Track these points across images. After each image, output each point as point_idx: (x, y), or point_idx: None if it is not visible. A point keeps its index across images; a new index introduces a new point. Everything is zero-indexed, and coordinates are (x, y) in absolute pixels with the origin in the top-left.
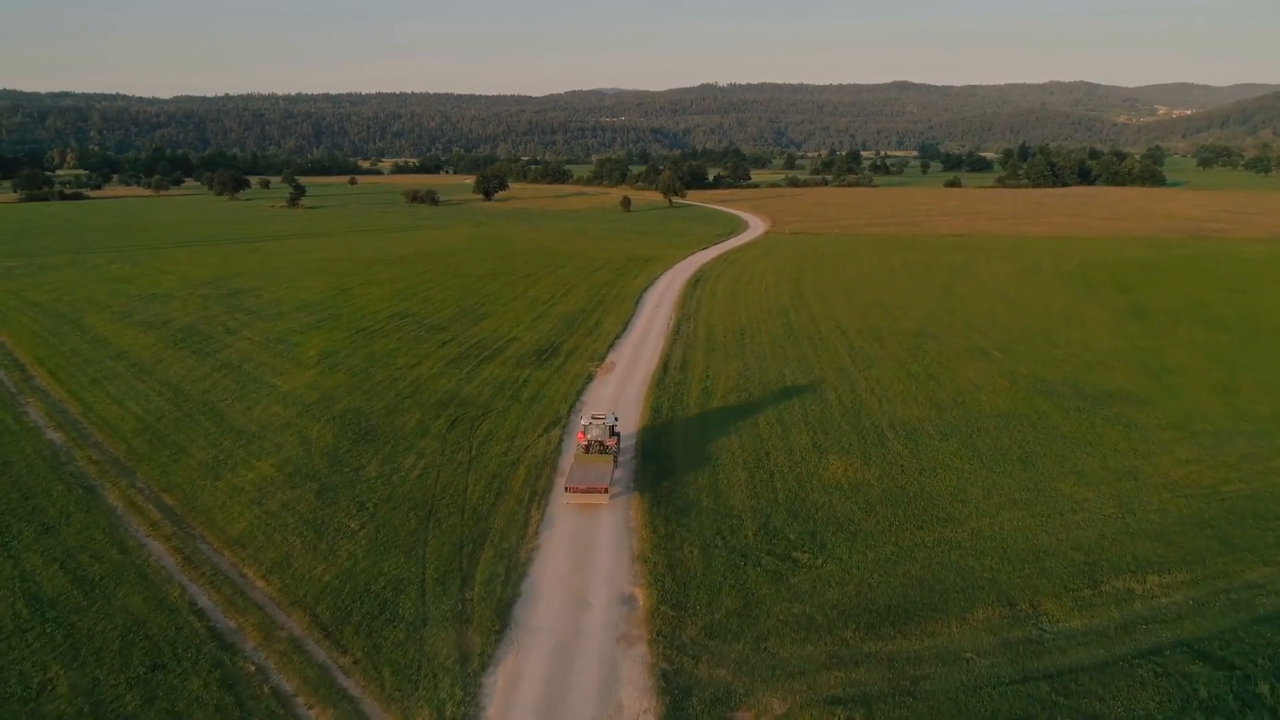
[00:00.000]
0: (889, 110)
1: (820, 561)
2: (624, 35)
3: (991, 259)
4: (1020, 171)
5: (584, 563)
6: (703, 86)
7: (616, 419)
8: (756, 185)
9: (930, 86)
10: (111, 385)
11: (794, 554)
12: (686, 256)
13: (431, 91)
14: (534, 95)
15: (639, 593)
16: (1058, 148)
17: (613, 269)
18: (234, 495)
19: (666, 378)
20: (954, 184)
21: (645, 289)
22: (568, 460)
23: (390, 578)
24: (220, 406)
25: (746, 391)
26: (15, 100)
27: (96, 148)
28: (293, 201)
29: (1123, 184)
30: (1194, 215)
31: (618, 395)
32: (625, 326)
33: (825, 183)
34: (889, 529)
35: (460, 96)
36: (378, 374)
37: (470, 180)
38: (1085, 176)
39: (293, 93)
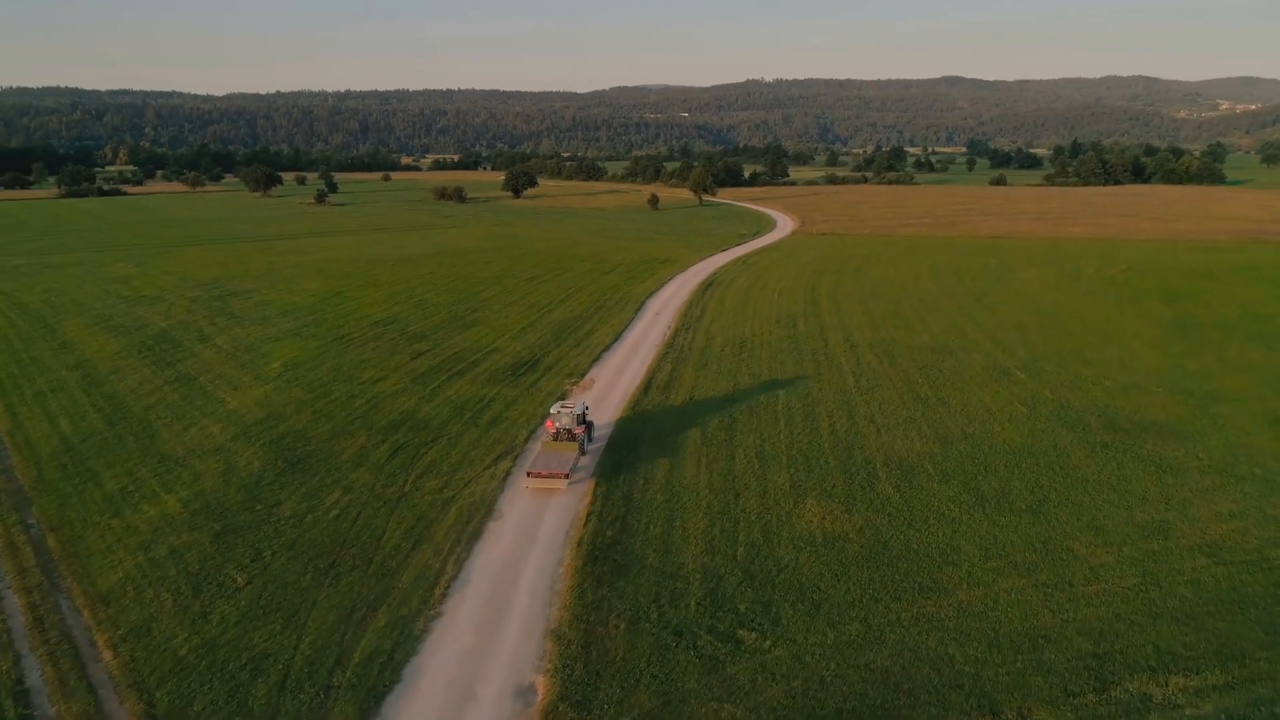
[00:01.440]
0: (938, 106)
1: (769, 644)
2: (670, 32)
3: (1028, 264)
4: (1070, 169)
5: (489, 636)
6: (748, 82)
7: (586, 408)
8: (794, 183)
9: (981, 81)
10: (54, 399)
11: (739, 632)
12: (705, 259)
13: (477, 88)
14: (579, 91)
15: (540, 682)
16: (1112, 144)
17: (623, 272)
18: (124, 537)
19: (646, 399)
20: (999, 182)
21: (651, 294)
22: (507, 498)
23: (256, 653)
24: (156, 426)
25: (731, 417)
26: (76, 98)
27: (148, 144)
28: (320, 199)
29: (1179, 182)
30: (1255, 216)
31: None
32: (618, 337)
33: (865, 180)
34: (860, 599)
35: (505, 93)
36: (336, 390)
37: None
38: (1139, 174)
39: (342, 90)
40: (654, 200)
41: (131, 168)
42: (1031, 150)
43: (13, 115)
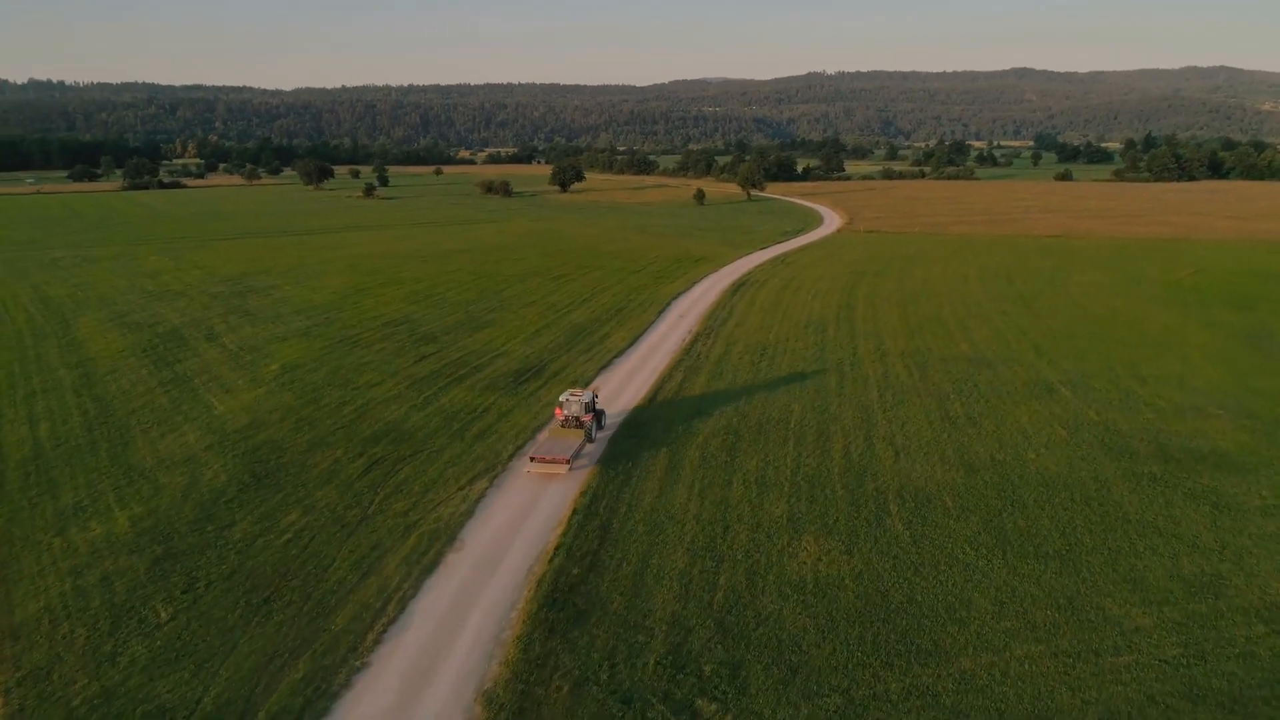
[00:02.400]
0: (1006, 98)
1: (729, 719)
2: (731, 25)
3: (1087, 266)
4: (1141, 164)
5: (414, 696)
6: (809, 75)
7: (595, 396)
8: (848, 177)
9: (1052, 73)
10: (43, 400)
11: (698, 701)
12: (743, 257)
13: (537, 82)
14: (638, 85)
15: None
16: (1188, 138)
17: (654, 270)
18: (59, 560)
19: (648, 412)
20: (1064, 177)
21: (679, 294)
22: (474, 525)
23: (154, 707)
24: (134, 432)
25: (736, 435)
26: (151, 93)
27: (215, 138)
28: (368, 192)
29: (1260, 179)
30: None
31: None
32: (634, 341)
33: (922, 175)
34: (845, 664)
35: (564, 87)
36: (328, 395)
37: None
38: (1217, 170)
39: (405, 84)
40: (700, 195)
41: (197, 161)
42: (1102, 144)
43: (92, 110)
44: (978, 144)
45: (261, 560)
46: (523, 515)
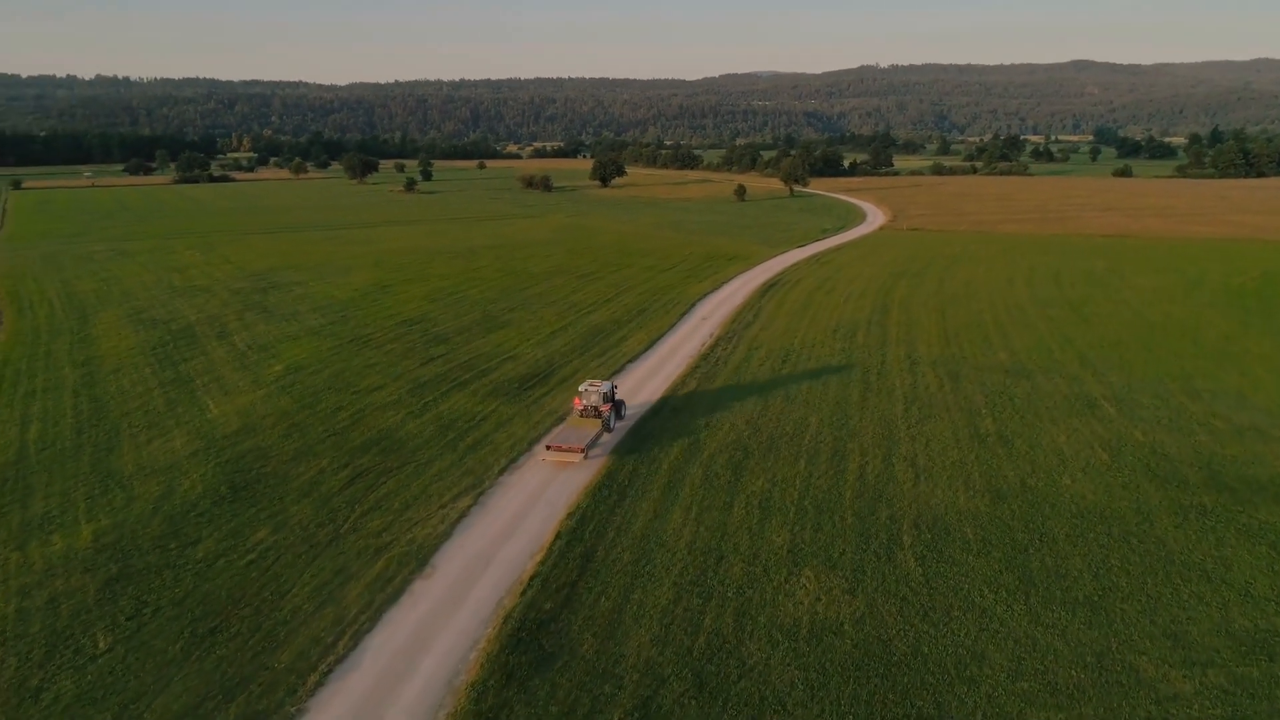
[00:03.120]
0: (1065, 91)
1: None
2: (784, 19)
3: (1142, 268)
4: (1206, 159)
5: None
6: (861, 68)
7: (614, 386)
8: (897, 173)
9: (1114, 65)
10: (41, 400)
11: None
12: (777, 255)
13: (587, 76)
14: (688, 79)
15: None
16: (1258, 132)
17: (684, 269)
18: (12, 577)
19: (653, 423)
20: (1123, 173)
21: (706, 295)
22: (450, 548)
23: None
24: (122, 436)
25: (744, 450)
26: (211, 88)
27: (270, 132)
28: (409, 187)
29: None
30: None
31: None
32: (652, 345)
33: (974, 170)
34: None
35: (614, 81)
36: (326, 400)
37: None
38: None
39: (456, 79)
40: (740, 191)
41: (250, 154)
42: (1165, 139)
43: (154, 105)
44: (1034, 138)
45: (218, 584)
46: (503, 537)
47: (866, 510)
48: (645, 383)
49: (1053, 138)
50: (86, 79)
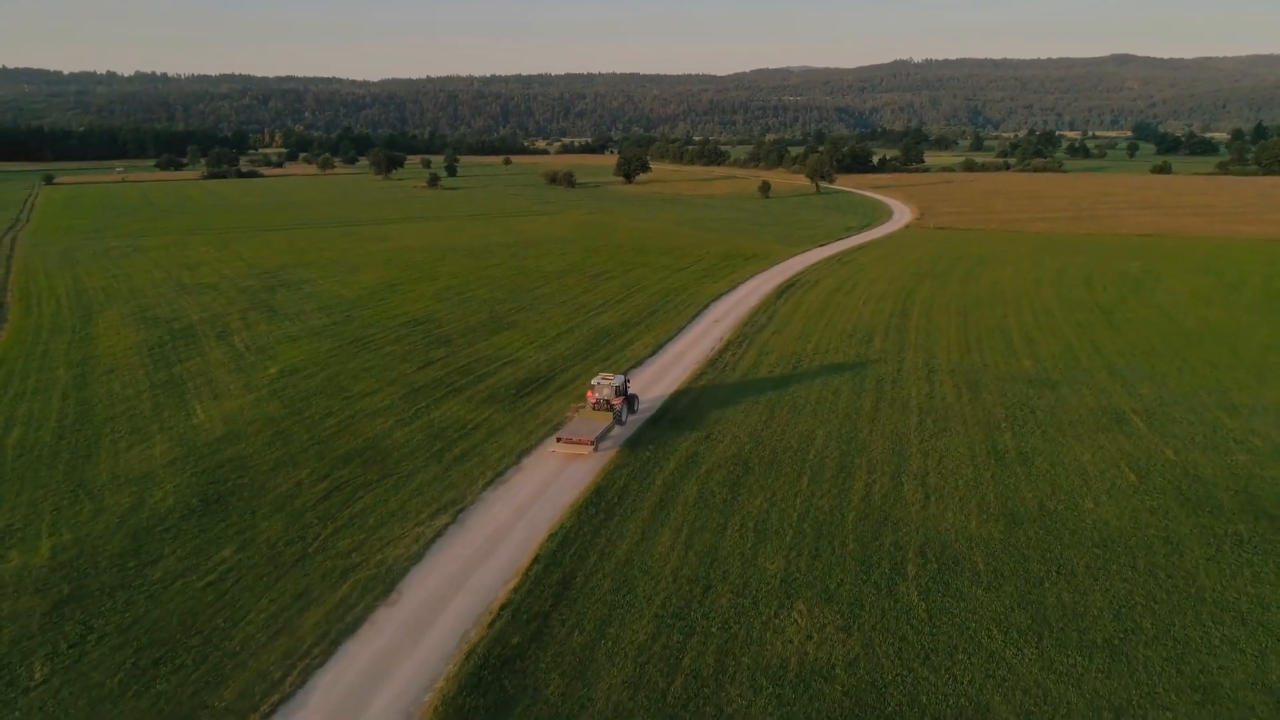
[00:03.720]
0: (1104, 86)
1: None
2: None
3: (1179, 269)
4: (1248, 156)
5: None
6: (895, 63)
7: (628, 380)
8: (927, 169)
9: (1155, 59)
10: (29, 402)
11: None
12: (798, 254)
13: (618, 71)
14: (718, 74)
15: None
16: None
17: (700, 269)
18: None
19: (652, 433)
20: (1162, 170)
21: (720, 296)
22: (420, 572)
23: None
24: (103, 442)
25: (744, 466)
26: (246, 84)
27: (301, 128)
28: (432, 183)
29: None
30: None
31: (564, 465)
32: (659, 349)
33: (1006, 167)
34: None
35: (644, 76)
36: (315, 405)
37: None
38: None
39: (487, 74)
40: (765, 188)
41: (280, 150)
42: (1206, 135)
43: (190, 101)
44: (1071, 134)
45: (171, 609)
46: (478, 560)
47: (869, 535)
48: (648, 389)
49: (1090, 134)
50: (126, 75)
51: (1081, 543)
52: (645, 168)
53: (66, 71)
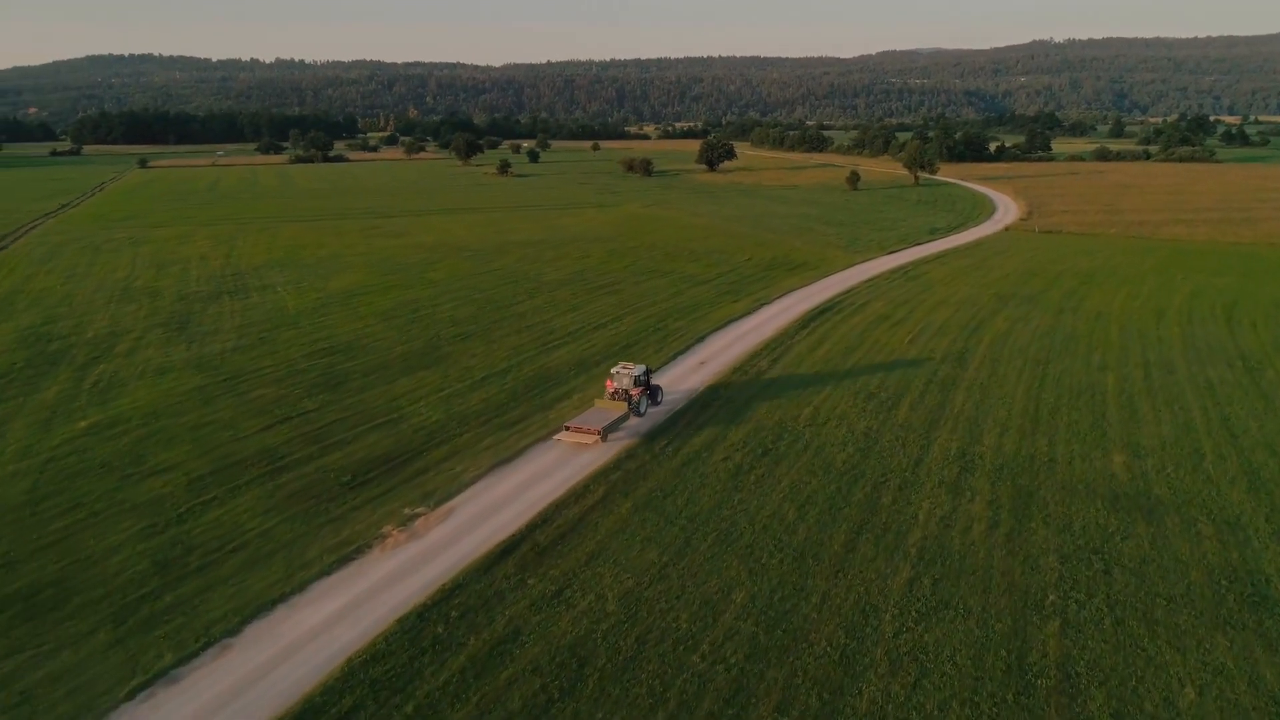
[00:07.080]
0: (1271, 66)
1: None
2: None
3: None
4: None
5: None
6: (1033, 43)
7: (649, 370)
8: (1052, 158)
9: None
10: None
11: None
12: (858, 264)
13: (737, 55)
14: (843, 57)
15: None
16: None
17: (727, 282)
18: None
19: (490, 589)
20: None
21: (729, 323)
22: None
23: None
24: None
25: (575, 672)
26: (374, 70)
27: (416, 112)
28: (503, 169)
29: None
30: None
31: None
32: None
33: (1146, 156)
34: None
35: (765, 59)
36: (76, 488)
37: None
38: None
39: (606, 59)
40: (853, 178)
41: (382, 134)
42: None
43: (321, 86)
44: (1229, 119)
45: None
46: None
47: None
48: (525, 490)
49: (1251, 119)
50: (268, 62)
51: None
52: (730, 154)
53: (215, 59)
